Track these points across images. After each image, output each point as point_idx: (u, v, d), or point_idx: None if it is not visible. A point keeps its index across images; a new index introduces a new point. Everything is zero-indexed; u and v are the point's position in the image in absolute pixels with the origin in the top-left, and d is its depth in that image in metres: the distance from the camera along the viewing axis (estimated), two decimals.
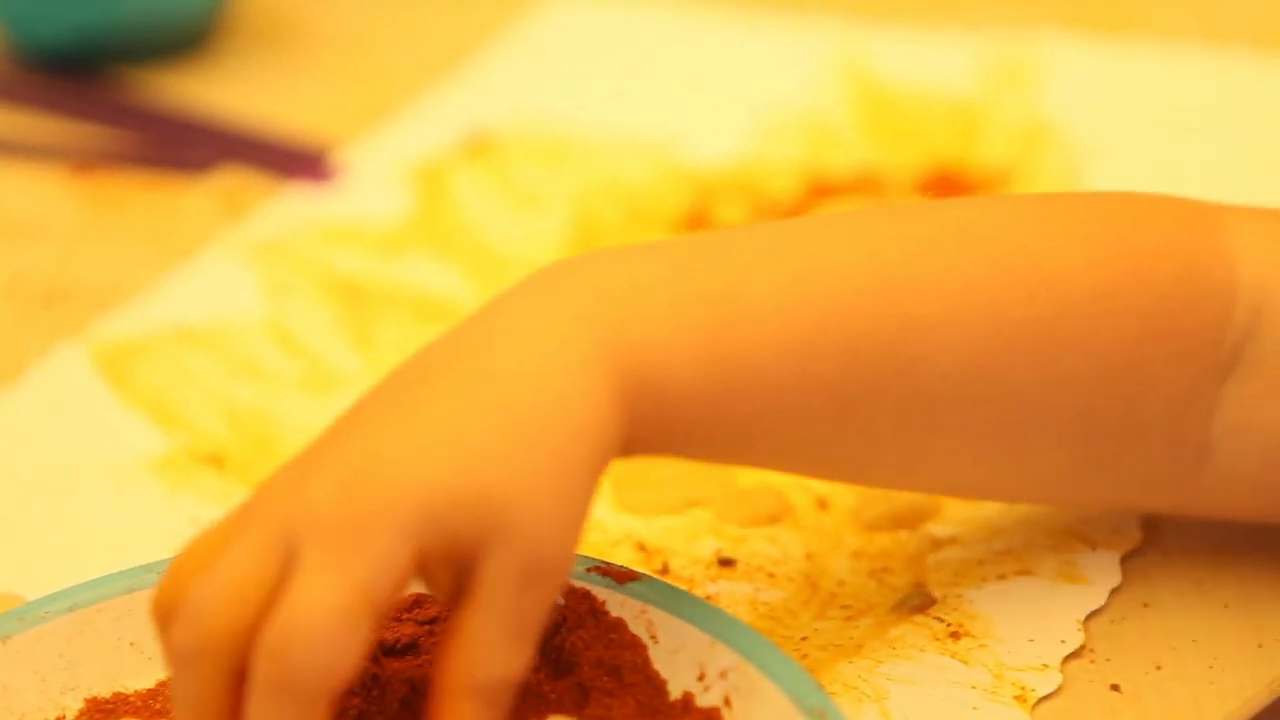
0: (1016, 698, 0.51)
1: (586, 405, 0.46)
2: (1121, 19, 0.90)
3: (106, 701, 0.51)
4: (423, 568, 0.45)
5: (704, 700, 0.50)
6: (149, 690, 0.51)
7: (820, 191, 0.76)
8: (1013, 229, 0.51)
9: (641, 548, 0.57)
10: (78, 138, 0.82)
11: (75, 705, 0.51)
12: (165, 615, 0.45)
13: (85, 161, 0.80)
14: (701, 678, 0.50)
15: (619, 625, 0.51)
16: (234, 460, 0.62)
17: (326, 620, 0.43)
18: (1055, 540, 0.56)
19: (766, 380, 0.48)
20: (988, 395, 0.50)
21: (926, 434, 0.50)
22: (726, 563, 0.57)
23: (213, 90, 0.86)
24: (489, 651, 0.45)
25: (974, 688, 0.51)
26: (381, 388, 0.47)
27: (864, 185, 0.76)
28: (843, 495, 0.59)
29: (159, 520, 0.59)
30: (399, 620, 0.52)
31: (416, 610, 0.52)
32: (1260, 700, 0.52)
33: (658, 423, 0.48)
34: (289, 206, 0.76)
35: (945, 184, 0.76)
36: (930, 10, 0.92)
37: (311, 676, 0.43)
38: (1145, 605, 0.54)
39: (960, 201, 0.55)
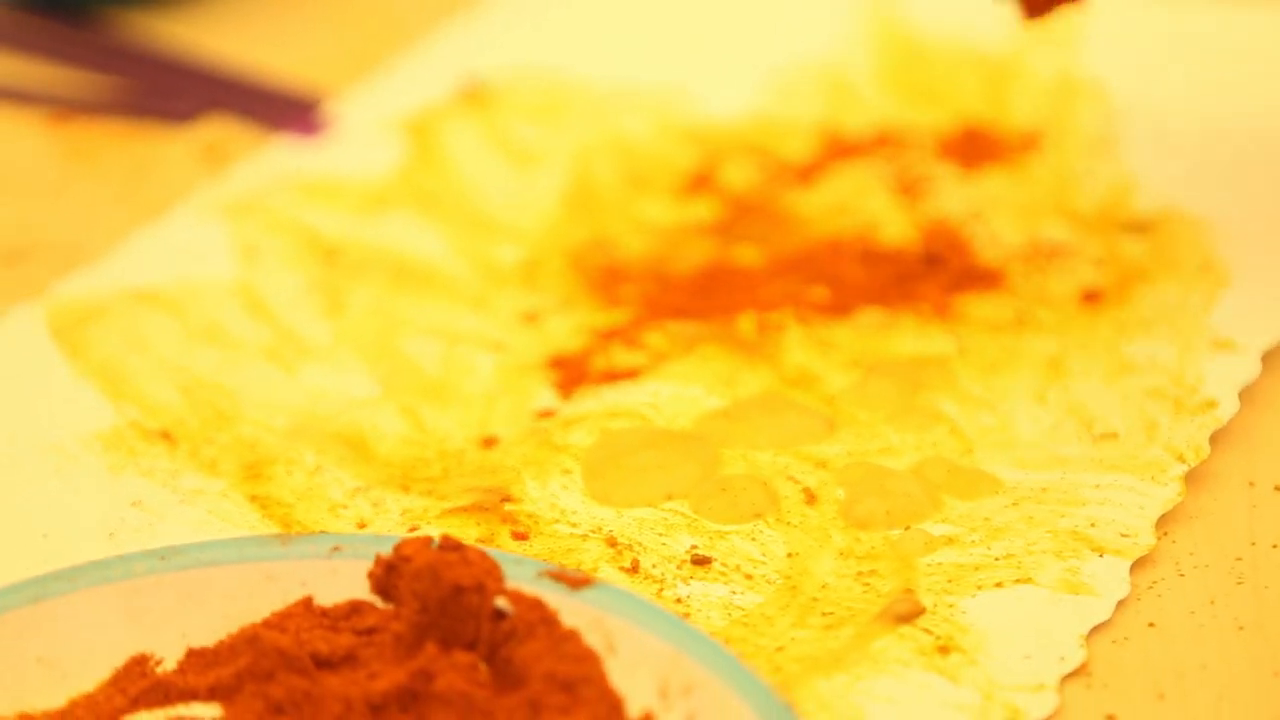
0: None
1: None
2: None
3: None
4: None
5: (665, 718, 0.46)
6: (58, 710, 0.47)
7: (837, 152, 0.71)
8: None
9: (612, 542, 0.53)
10: (60, 84, 0.78)
11: None
12: None
13: (65, 109, 0.76)
14: (663, 694, 0.46)
15: (573, 636, 0.47)
16: (185, 436, 0.58)
17: None
18: (1060, 544, 0.52)
19: None
20: None
21: None
22: (701, 561, 0.53)
23: (205, 35, 0.82)
24: None
25: (960, 709, 0.47)
26: None
27: (884, 145, 0.71)
28: (832, 487, 0.55)
29: (98, 503, 0.55)
30: (335, 629, 0.48)
31: (354, 618, 0.48)
32: None
33: None
34: (272, 160, 0.72)
35: (972, 144, 0.71)
36: None
37: None
38: (1152, 625, 0.50)
39: None
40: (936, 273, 0.64)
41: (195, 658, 0.48)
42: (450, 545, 0.48)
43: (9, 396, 0.60)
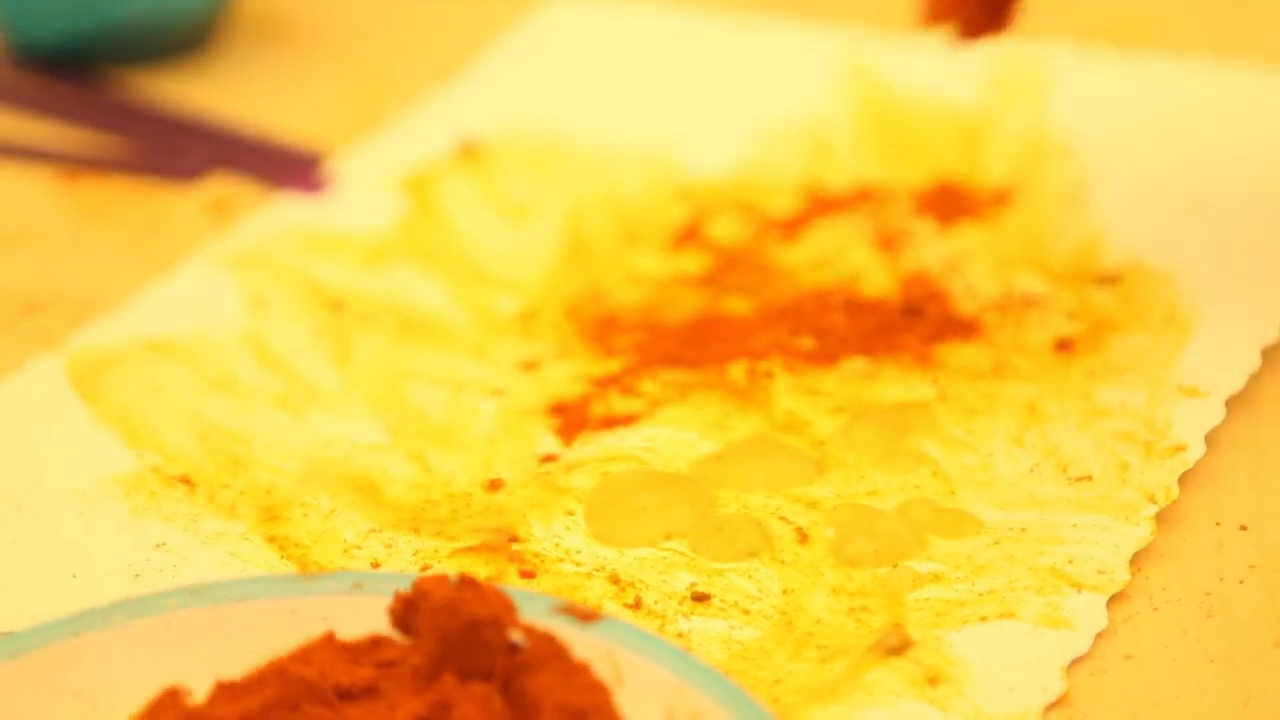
0: None
1: None
2: (1131, 32, 0.88)
3: None
4: None
5: None
6: None
7: (820, 207, 0.74)
8: None
9: (615, 580, 0.56)
10: (69, 141, 0.81)
11: None
12: None
13: (75, 167, 0.79)
14: None
15: (583, 668, 0.50)
16: (204, 480, 0.60)
17: None
18: (1040, 580, 0.55)
19: None
20: None
21: None
22: (701, 598, 0.55)
23: (208, 93, 0.84)
24: None
25: None
26: None
27: (864, 201, 0.74)
28: (823, 527, 0.57)
29: (122, 545, 0.58)
30: (357, 662, 0.51)
31: (375, 652, 0.51)
32: None
33: None
34: (276, 215, 0.75)
35: (948, 200, 0.74)
36: None
37: None
38: (1128, 658, 0.53)
39: None
40: (917, 323, 0.67)
41: (224, 690, 0.50)
42: (467, 582, 0.50)
43: (32, 442, 0.62)
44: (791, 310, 0.68)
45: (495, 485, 0.60)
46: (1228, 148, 0.76)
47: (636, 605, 0.55)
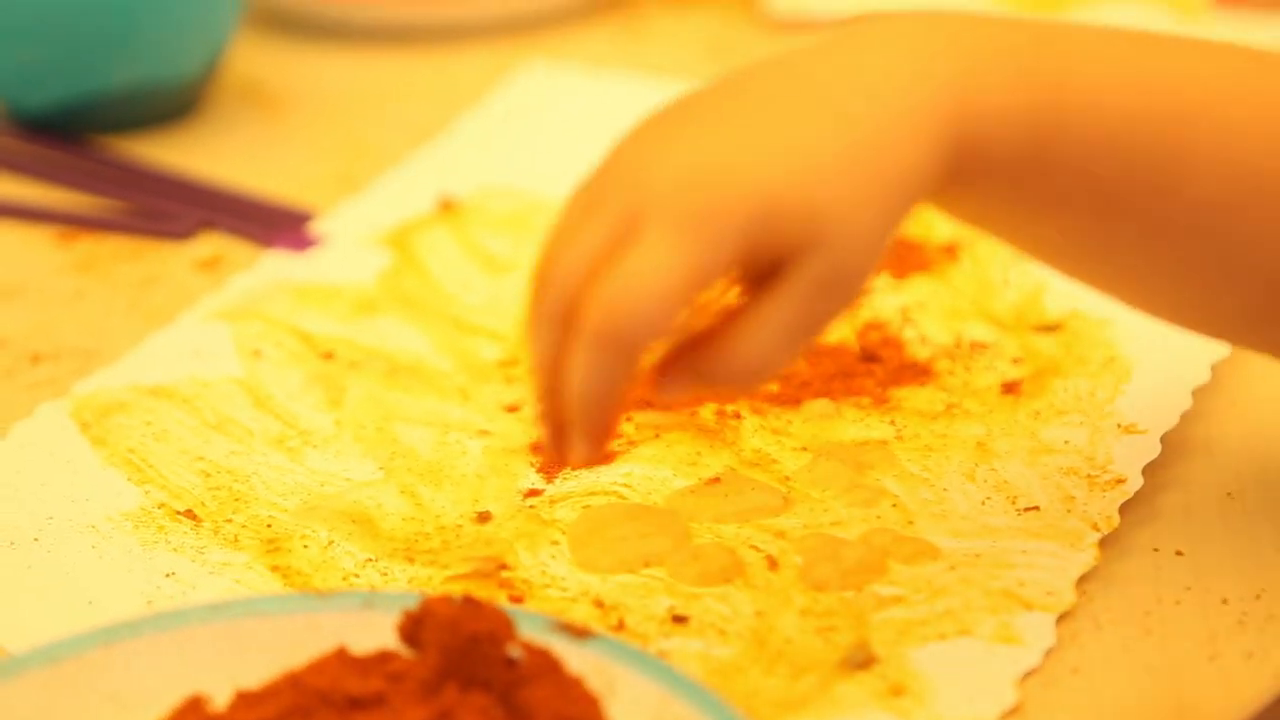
0: None
1: (915, 145, 0.52)
2: None
3: None
4: (740, 263, 0.51)
5: None
6: None
7: None
8: None
9: (599, 604, 0.60)
10: (65, 203, 0.85)
11: None
12: (540, 286, 0.52)
13: (71, 227, 0.83)
14: None
15: (577, 681, 0.54)
16: (208, 515, 0.64)
17: (656, 286, 0.50)
18: (994, 601, 0.59)
19: (1066, 165, 0.54)
20: (1226, 231, 0.56)
21: (1159, 252, 0.56)
22: (680, 619, 0.59)
23: (196, 160, 0.89)
24: (767, 337, 0.52)
25: None
26: (713, 88, 0.53)
27: None
28: (792, 554, 0.62)
29: (134, 574, 0.61)
30: (367, 674, 0.54)
31: (383, 665, 0.55)
32: None
33: (966, 177, 0.54)
34: (267, 271, 0.79)
35: (901, 255, 0.79)
36: None
37: (633, 331, 0.50)
38: (1075, 671, 0.57)
39: (1248, 51, 0.58)
40: (874, 368, 0.71)
41: (243, 698, 0.54)
42: (469, 601, 0.54)
43: (44, 481, 0.66)
44: None
45: (484, 518, 0.64)
46: None
47: (620, 627, 0.59)
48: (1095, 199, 0.55)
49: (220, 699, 0.54)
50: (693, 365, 0.53)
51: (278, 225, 0.82)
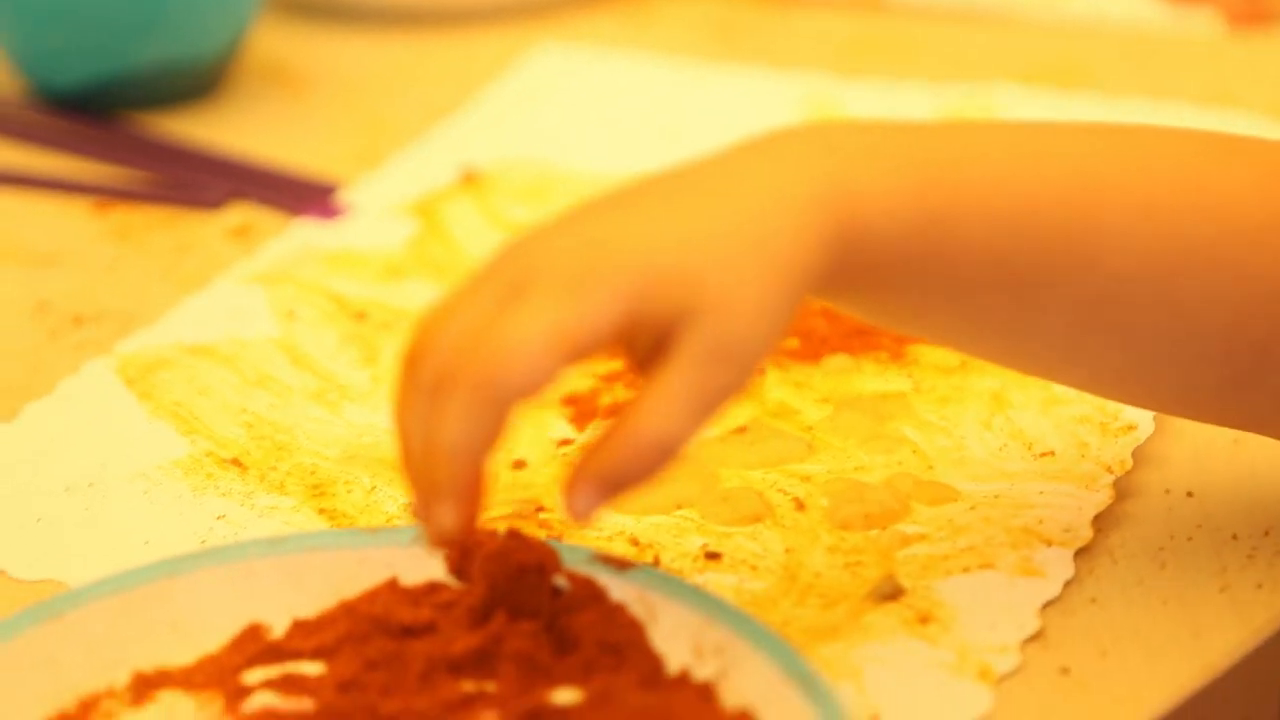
0: (980, 675, 0.56)
1: (797, 235, 0.53)
2: (1072, 77, 0.96)
3: (150, 676, 0.55)
4: (627, 331, 0.52)
5: (700, 674, 0.55)
6: (189, 666, 0.56)
7: None
8: (1197, 158, 0.57)
9: (634, 542, 0.62)
10: (98, 176, 0.87)
11: (122, 678, 0.55)
12: (413, 360, 0.52)
13: (105, 198, 0.85)
14: (698, 654, 0.55)
15: (620, 608, 0.56)
16: (254, 463, 0.66)
17: (530, 341, 0.50)
18: (1014, 538, 0.62)
19: (969, 250, 0.55)
20: (1151, 302, 0.56)
21: (1090, 331, 0.56)
22: (712, 556, 0.62)
23: (222, 135, 0.91)
24: (665, 409, 0.51)
25: (941, 666, 0.57)
26: (615, 192, 0.54)
27: None
28: (818, 497, 0.64)
29: (187, 518, 0.64)
30: (418, 604, 0.57)
31: (433, 595, 0.57)
32: (1194, 685, 0.57)
33: (860, 271, 0.54)
34: (297, 238, 0.81)
35: None
36: (897, 65, 0.98)
37: (502, 382, 0.50)
38: (1093, 600, 0.60)
39: (1154, 128, 0.59)
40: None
41: (300, 627, 0.56)
42: (515, 534, 0.57)
43: (94, 433, 0.68)
44: None
45: (519, 465, 0.66)
46: None
47: (655, 564, 0.61)
48: (1008, 281, 0.55)
49: (278, 628, 0.57)
50: (597, 464, 0.52)
51: (305, 196, 0.85)
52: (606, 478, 0.52)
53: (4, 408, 0.70)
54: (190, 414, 0.69)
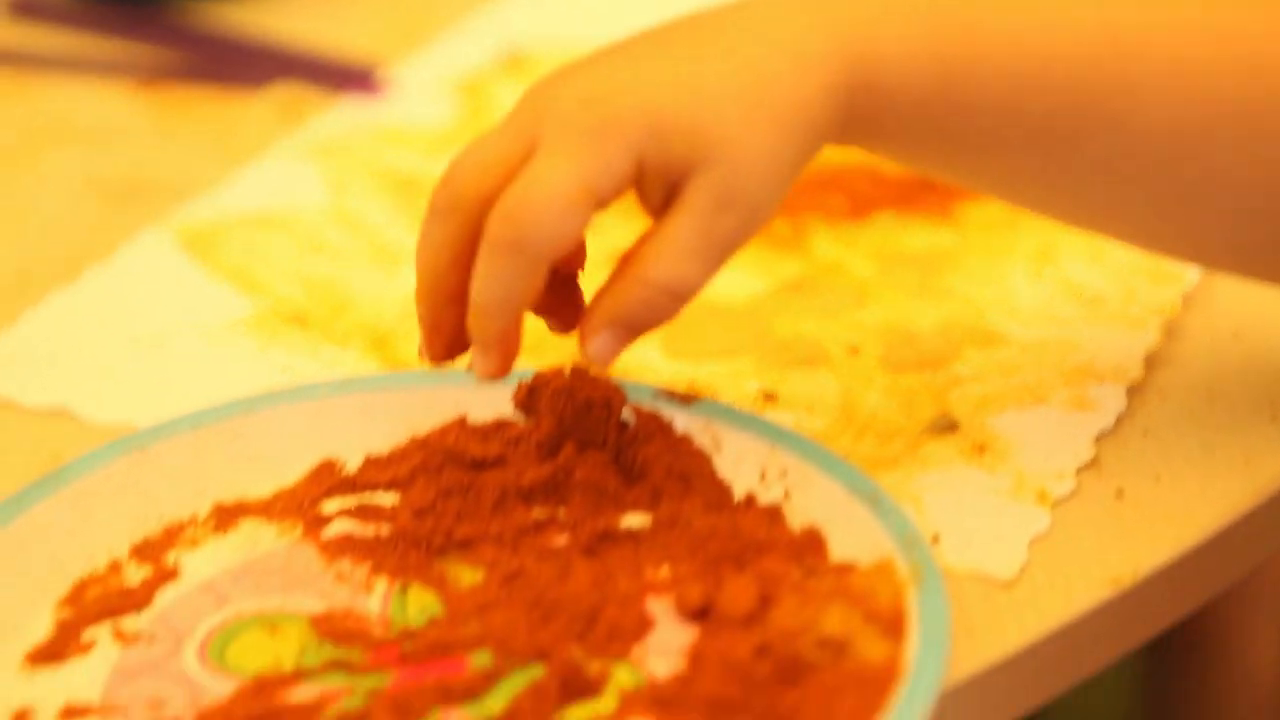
0: (1037, 498, 0.57)
1: (807, 80, 0.54)
2: None
3: (230, 505, 0.57)
4: (639, 178, 0.53)
5: (766, 498, 0.56)
6: (267, 498, 0.57)
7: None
8: (1228, 7, 0.56)
9: (693, 386, 0.63)
10: (142, 57, 0.88)
11: (204, 508, 0.57)
12: (439, 186, 0.55)
13: (150, 77, 0.86)
14: (763, 478, 0.56)
15: (686, 439, 0.57)
16: (316, 320, 0.67)
17: (555, 196, 0.52)
18: (1066, 376, 0.63)
19: (987, 101, 0.55)
20: (1181, 159, 0.56)
21: (1118, 185, 0.56)
22: (770, 397, 0.63)
23: (264, 20, 0.92)
24: (674, 254, 0.53)
25: (999, 492, 0.58)
26: (630, 40, 0.56)
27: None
28: (871, 343, 0.65)
29: (255, 370, 0.65)
30: (487, 439, 0.58)
31: (502, 431, 0.58)
32: (1246, 506, 0.58)
33: (876, 120, 0.55)
34: (344, 114, 0.82)
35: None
36: None
37: (535, 240, 0.52)
38: (1145, 432, 0.61)
39: None
40: (935, 185, 0.75)
41: (372, 462, 0.57)
42: (579, 371, 0.58)
43: (157, 295, 0.69)
44: (825, 178, 0.76)
45: None
46: None
47: None
48: (1031, 138, 0.56)
49: (351, 463, 0.58)
50: (609, 308, 0.54)
51: (350, 75, 0.85)
52: (620, 321, 0.54)
53: (65, 273, 0.71)
54: (250, 277, 0.70)
